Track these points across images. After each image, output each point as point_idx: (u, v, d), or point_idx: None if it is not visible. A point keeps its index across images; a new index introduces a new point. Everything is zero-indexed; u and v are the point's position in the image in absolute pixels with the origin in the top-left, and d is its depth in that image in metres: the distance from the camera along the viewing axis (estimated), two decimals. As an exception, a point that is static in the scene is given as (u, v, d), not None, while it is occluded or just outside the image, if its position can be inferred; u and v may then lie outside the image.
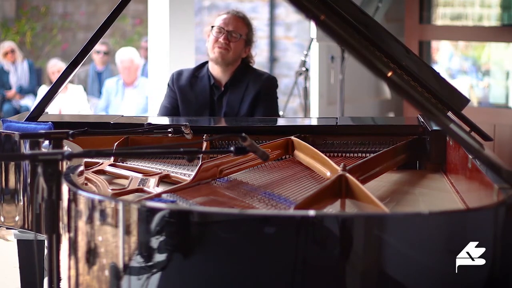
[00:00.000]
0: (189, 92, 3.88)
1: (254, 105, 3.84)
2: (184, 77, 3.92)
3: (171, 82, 3.94)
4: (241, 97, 3.83)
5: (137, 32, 10.67)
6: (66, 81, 3.22)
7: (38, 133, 2.66)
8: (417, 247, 1.83)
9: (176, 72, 3.98)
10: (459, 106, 2.88)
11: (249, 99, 3.82)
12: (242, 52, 3.87)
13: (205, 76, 3.89)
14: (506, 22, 6.03)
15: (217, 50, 3.81)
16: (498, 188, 2.04)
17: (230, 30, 3.81)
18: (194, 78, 3.91)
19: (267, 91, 3.87)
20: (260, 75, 3.93)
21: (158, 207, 1.90)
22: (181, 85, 3.90)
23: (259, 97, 3.83)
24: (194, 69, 3.96)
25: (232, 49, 3.81)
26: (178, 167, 2.89)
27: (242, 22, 3.87)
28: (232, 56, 3.83)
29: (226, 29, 3.81)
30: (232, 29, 3.81)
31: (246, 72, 3.89)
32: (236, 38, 3.81)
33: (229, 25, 3.82)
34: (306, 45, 6.18)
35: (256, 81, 3.86)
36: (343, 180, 2.31)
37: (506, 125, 5.63)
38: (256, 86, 3.84)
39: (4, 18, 10.92)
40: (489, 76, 6.12)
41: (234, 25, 3.83)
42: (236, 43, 3.82)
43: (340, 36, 2.20)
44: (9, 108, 8.71)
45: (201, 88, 3.87)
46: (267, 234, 1.82)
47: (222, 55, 3.81)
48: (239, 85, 3.85)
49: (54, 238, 1.90)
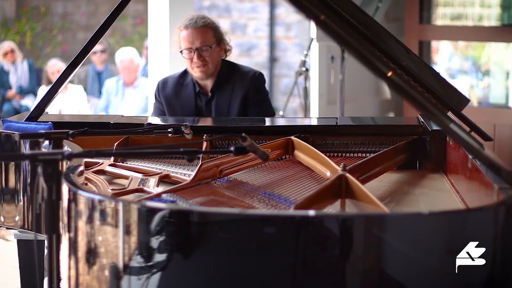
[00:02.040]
0: (174, 100, 3.83)
1: (244, 106, 3.78)
2: (169, 86, 3.85)
3: (157, 92, 3.88)
4: (228, 100, 3.77)
5: (138, 32, 10.67)
6: (66, 81, 3.22)
7: (38, 133, 2.66)
8: (417, 247, 1.84)
9: (162, 81, 3.91)
10: (459, 106, 2.88)
11: (238, 100, 3.76)
12: (219, 55, 3.78)
13: (189, 84, 3.82)
14: (506, 22, 6.02)
15: (196, 70, 3.74)
16: (498, 188, 2.04)
17: (199, 47, 3.71)
18: (179, 85, 3.84)
19: (256, 90, 3.80)
20: (245, 73, 3.82)
21: (158, 207, 1.90)
22: (167, 94, 3.84)
23: (248, 97, 3.77)
24: (179, 77, 3.87)
25: (209, 61, 3.73)
26: (178, 167, 2.89)
27: (205, 30, 3.73)
28: (213, 68, 3.75)
29: (194, 47, 3.71)
30: (200, 44, 3.71)
31: (230, 73, 3.81)
32: (208, 51, 3.72)
33: (195, 42, 3.71)
34: (306, 45, 6.17)
35: (242, 81, 3.79)
36: (343, 180, 2.31)
37: (506, 125, 5.62)
38: (243, 86, 3.78)
39: (4, 18, 10.92)
40: (489, 76, 6.11)
41: (199, 39, 3.71)
42: (210, 54, 3.73)
43: (340, 36, 2.20)
44: (9, 108, 8.70)
45: (186, 96, 3.81)
46: (267, 234, 1.82)
47: (204, 72, 3.74)
48: (225, 88, 3.78)
49: (54, 238, 1.90)
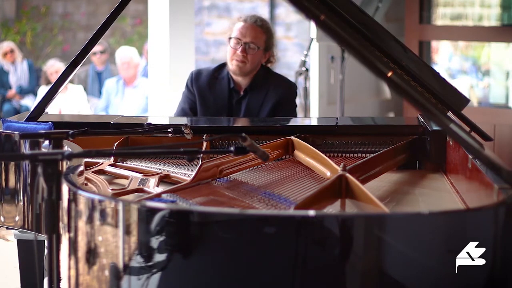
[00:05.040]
0: (208, 93, 3.81)
1: (273, 112, 3.78)
2: (203, 77, 3.84)
3: (190, 82, 3.86)
4: (260, 103, 3.78)
5: (137, 32, 10.67)
6: (66, 81, 3.22)
7: (38, 133, 2.66)
8: (417, 247, 1.83)
9: (195, 71, 3.90)
10: (459, 106, 2.88)
11: (269, 106, 3.77)
12: (260, 60, 3.79)
13: (224, 79, 3.81)
14: (506, 22, 6.02)
15: (234, 63, 3.74)
16: (498, 188, 2.04)
17: (248, 42, 3.72)
18: (214, 79, 3.83)
19: (288, 100, 3.82)
20: (281, 82, 3.85)
21: (158, 207, 1.90)
22: (200, 85, 3.83)
23: (279, 104, 3.78)
24: (214, 70, 3.86)
25: (249, 61, 3.73)
26: (178, 167, 2.89)
27: (260, 31, 3.75)
28: (250, 67, 3.76)
29: (244, 40, 3.72)
30: (250, 40, 3.72)
31: (266, 77, 3.82)
32: (254, 50, 3.73)
33: (247, 36, 3.72)
34: (306, 45, 6.17)
35: (277, 88, 3.80)
36: (343, 180, 2.30)
37: (506, 125, 5.62)
38: (277, 93, 3.78)
39: (4, 18, 10.92)
40: (489, 76, 6.11)
41: (251, 36, 3.73)
42: (253, 55, 3.73)
43: (340, 36, 2.20)
44: (9, 108, 8.70)
45: (220, 91, 3.80)
46: (267, 234, 1.82)
47: (240, 68, 3.74)
48: (259, 90, 3.79)
49: (54, 238, 1.90)
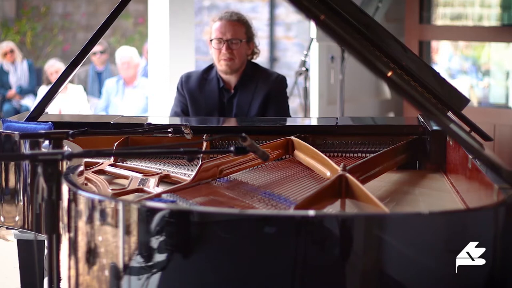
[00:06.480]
0: (199, 95, 3.86)
1: (264, 106, 3.82)
2: (193, 80, 3.89)
3: (180, 85, 3.92)
4: (250, 99, 3.82)
5: (138, 32, 10.67)
6: (66, 81, 3.22)
7: (38, 133, 2.65)
8: (417, 247, 1.83)
9: (185, 75, 3.96)
10: (459, 106, 2.88)
11: (259, 100, 3.81)
12: (246, 52, 3.85)
13: (214, 79, 3.86)
14: (506, 22, 6.02)
15: (223, 63, 3.80)
16: (498, 188, 2.04)
17: (229, 38, 3.78)
18: (203, 80, 3.88)
19: (277, 93, 3.86)
20: (269, 75, 3.90)
21: (158, 207, 1.90)
22: (191, 88, 3.88)
23: (269, 98, 3.82)
24: (203, 72, 3.92)
25: (236, 56, 3.79)
26: (178, 167, 2.89)
27: (238, 24, 3.82)
28: (239, 63, 3.81)
29: (225, 38, 3.78)
30: (231, 36, 3.78)
31: (254, 72, 3.87)
32: (238, 44, 3.79)
33: (227, 34, 3.78)
34: (306, 45, 6.17)
35: (265, 82, 3.84)
36: (343, 180, 2.30)
37: (506, 125, 5.62)
38: (265, 87, 3.83)
39: (4, 18, 10.92)
40: (489, 76, 6.11)
41: (231, 32, 3.79)
42: (238, 49, 3.80)
43: (340, 36, 2.20)
44: (9, 108, 8.70)
45: (210, 91, 3.85)
46: (267, 234, 1.82)
47: (229, 66, 3.80)
48: (248, 86, 3.83)
49: (54, 238, 1.90)
